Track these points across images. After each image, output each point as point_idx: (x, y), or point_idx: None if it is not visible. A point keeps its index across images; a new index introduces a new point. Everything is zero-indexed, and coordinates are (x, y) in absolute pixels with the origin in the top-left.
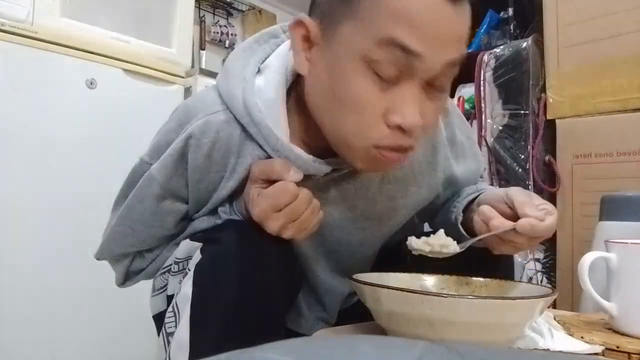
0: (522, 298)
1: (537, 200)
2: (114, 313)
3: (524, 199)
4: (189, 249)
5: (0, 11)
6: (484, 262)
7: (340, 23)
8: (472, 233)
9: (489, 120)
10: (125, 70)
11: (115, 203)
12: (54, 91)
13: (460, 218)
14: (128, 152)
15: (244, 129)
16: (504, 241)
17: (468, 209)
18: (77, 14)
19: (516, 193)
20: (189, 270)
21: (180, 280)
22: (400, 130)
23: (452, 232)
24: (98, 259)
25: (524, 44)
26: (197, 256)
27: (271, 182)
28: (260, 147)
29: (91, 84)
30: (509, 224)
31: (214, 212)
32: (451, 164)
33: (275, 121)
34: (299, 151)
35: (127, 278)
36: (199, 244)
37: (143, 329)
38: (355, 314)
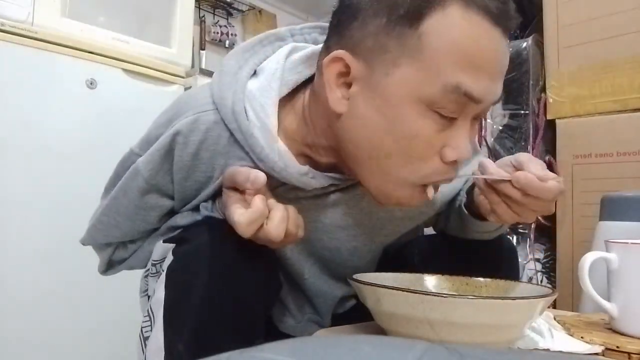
0: (522, 298)
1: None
2: (113, 314)
3: (532, 159)
4: (164, 251)
5: (0, 11)
6: (485, 262)
7: (395, 64)
8: (477, 216)
9: (489, 120)
10: (125, 70)
11: (105, 190)
12: (53, 91)
13: (464, 200)
14: None
15: (232, 133)
16: (499, 195)
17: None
18: (77, 14)
19: (525, 155)
20: (163, 272)
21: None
22: (453, 163)
23: (457, 221)
24: (83, 244)
25: (524, 44)
26: (169, 258)
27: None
28: (247, 153)
29: (91, 84)
30: (505, 174)
31: (196, 208)
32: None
33: (264, 129)
34: (286, 163)
35: (109, 266)
36: (172, 245)
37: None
38: (353, 318)
